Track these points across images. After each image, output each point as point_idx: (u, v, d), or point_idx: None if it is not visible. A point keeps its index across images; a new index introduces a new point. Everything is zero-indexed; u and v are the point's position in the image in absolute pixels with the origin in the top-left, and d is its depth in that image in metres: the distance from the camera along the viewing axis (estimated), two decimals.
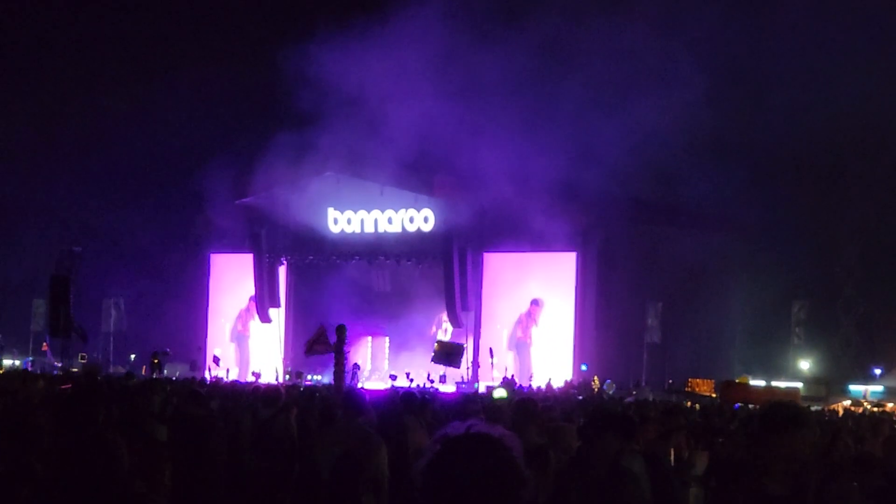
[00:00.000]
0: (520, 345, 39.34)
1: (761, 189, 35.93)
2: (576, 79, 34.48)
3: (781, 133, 34.45)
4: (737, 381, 33.91)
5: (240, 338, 44.53)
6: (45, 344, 42.00)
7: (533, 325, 39.43)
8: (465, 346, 35.93)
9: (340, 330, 20.96)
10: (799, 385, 34.96)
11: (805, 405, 24.48)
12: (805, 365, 38.72)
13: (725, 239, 38.81)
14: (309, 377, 38.86)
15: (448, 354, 31.89)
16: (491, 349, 36.94)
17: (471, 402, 10.71)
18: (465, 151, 36.09)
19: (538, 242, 38.00)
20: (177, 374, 36.97)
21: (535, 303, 39.53)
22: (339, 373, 20.65)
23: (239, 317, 44.67)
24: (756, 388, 31.90)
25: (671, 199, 38.86)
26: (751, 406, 22.40)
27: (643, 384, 36.04)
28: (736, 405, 21.24)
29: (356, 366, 36.79)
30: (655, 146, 33.55)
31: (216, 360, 41.04)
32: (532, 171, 34.88)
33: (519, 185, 35.76)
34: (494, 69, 34.95)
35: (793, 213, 37.51)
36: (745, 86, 36.01)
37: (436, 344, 33.52)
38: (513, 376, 36.64)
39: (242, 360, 43.41)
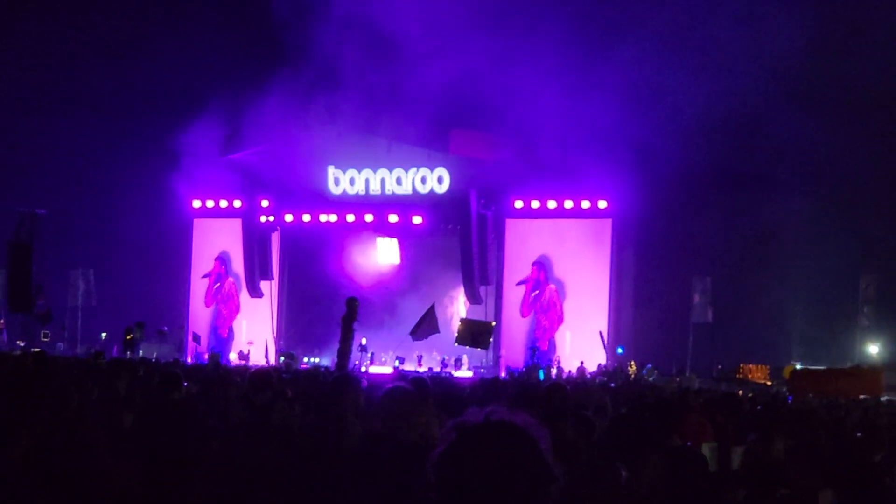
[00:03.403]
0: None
1: (830, 142, 35.43)
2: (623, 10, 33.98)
3: (866, 78, 33.86)
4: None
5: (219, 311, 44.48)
6: (0, 321, 42.04)
7: (548, 301, 39.07)
8: (494, 324, 35.62)
9: (351, 303, 20.96)
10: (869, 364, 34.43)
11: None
12: (874, 349, 38.52)
13: (787, 202, 38.48)
14: (305, 359, 39.01)
15: (475, 335, 31.32)
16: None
17: (492, 388, 10.76)
18: (486, 101, 35.84)
19: (570, 207, 37.97)
20: (154, 355, 37.18)
21: (540, 265, 39.18)
22: (345, 352, 20.62)
23: (219, 284, 44.50)
24: (829, 374, 29.92)
25: (725, 156, 38.54)
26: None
27: (688, 370, 36.03)
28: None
29: (362, 347, 36.82)
30: (714, 92, 32.98)
31: (196, 338, 41.15)
32: (565, 123, 34.66)
33: (547, 140, 35.58)
34: None
35: (863, 171, 37.08)
36: (836, 23, 35.29)
37: (459, 322, 32.98)
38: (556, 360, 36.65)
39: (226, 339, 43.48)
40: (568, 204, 38.28)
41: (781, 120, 33.92)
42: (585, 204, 38.06)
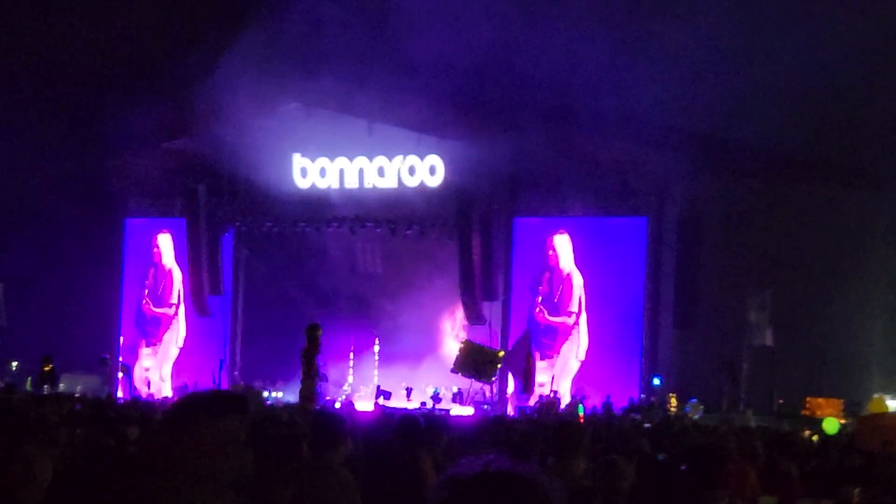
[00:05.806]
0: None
1: None
2: None
3: None
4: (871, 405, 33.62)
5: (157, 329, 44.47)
6: None
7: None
8: (504, 354, 35.61)
9: (312, 332, 21.08)
10: None
11: None
12: None
13: (872, 198, 38.45)
14: (265, 394, 38.97)
15: (478, 364, 31.18)
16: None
17: (494, 430, 10.83)
18: (493, 70, 35.77)
19: (593, 203, 37.94)
20: (78, 388, 37.21)
21: (565, 278, 39.15)
22: (309, 389, 20.80)
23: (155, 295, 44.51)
24: None
25: (797, 140, 38.47)
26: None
27: (742, 405, 36.02)
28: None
29: (324, 376, 36.78)
30: (792, 59, 32.87)
31: (125, 368, 41.17)
32: (589, 99, 34.65)
33: (568, 119, 35.54)
34: None
35: None
36: None
37: (461, 344, 32.79)
38: (555, 392, 36.67)
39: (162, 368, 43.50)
40: (592, 199, 38.24)
41: (877, 97, 33.86)
42: (614, 199, 38.05)
